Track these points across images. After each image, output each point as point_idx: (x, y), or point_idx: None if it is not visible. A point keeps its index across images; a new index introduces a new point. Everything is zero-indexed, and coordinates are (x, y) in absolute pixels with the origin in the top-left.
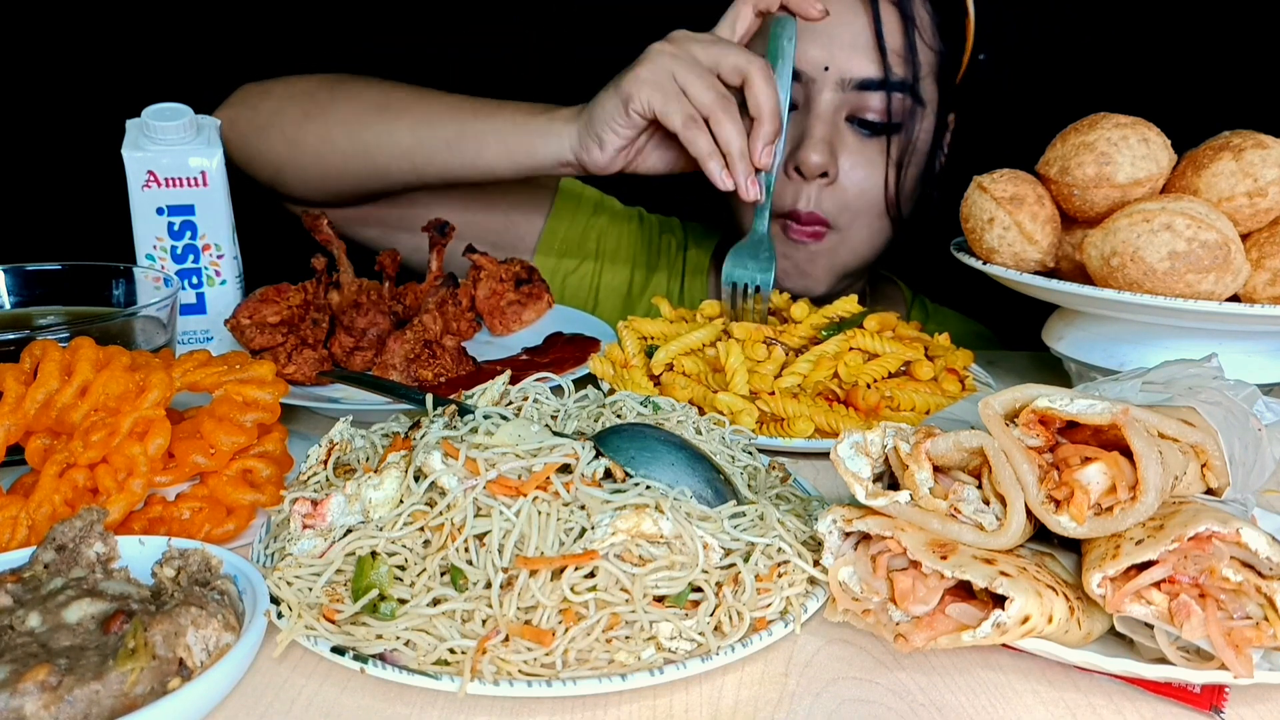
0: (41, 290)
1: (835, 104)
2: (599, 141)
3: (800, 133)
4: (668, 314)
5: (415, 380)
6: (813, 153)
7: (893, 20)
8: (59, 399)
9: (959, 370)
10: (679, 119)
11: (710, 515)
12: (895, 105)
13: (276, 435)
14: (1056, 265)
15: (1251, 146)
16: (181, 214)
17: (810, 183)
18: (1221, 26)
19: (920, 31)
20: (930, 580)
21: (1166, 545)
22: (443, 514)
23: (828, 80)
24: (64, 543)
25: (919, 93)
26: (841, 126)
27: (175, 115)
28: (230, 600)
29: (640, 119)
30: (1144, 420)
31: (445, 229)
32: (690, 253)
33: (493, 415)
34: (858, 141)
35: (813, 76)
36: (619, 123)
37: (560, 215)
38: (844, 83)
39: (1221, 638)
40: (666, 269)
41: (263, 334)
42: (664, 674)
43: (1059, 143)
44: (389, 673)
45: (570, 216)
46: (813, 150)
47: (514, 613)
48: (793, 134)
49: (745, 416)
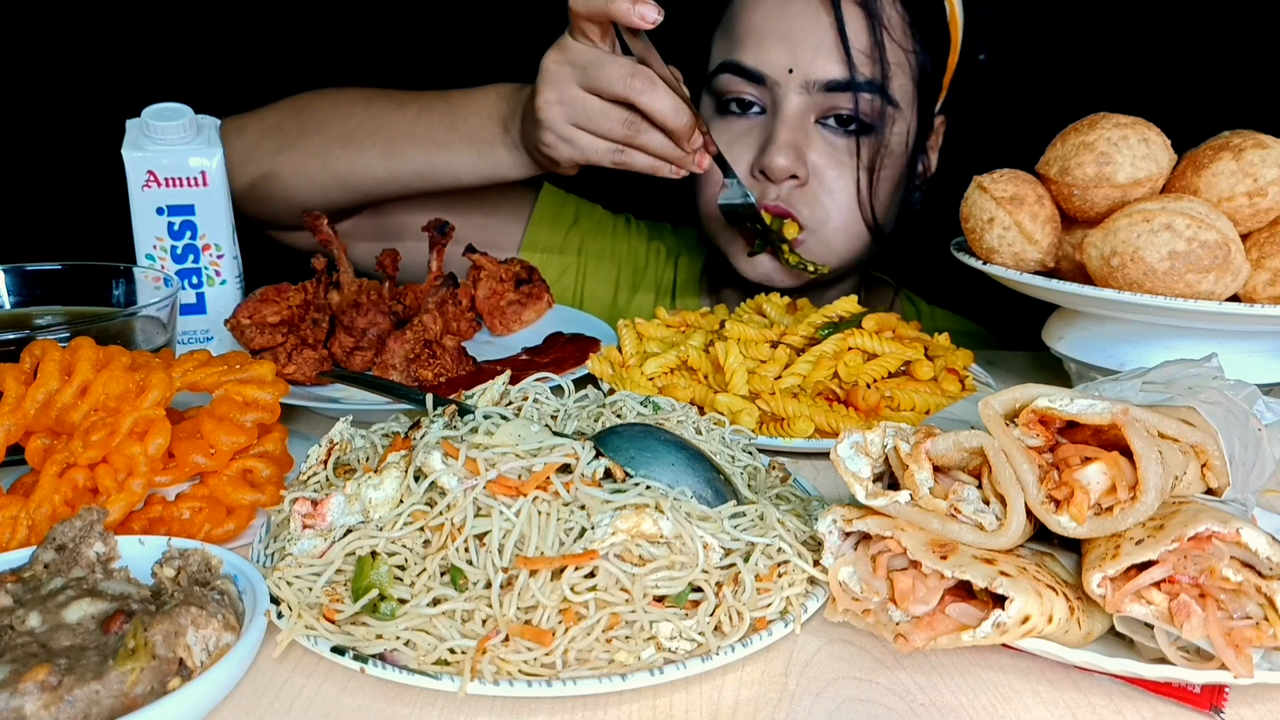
0: (41, 290)
1: (802, 107)
2: (550, 161)
3: (766, 136)
4: (665, 319)
5: (415, 380)
6: (777, 156)
7: (858, 20)
8: (59, 399)
9: (959, 370)
10: (606, 160)
11: (710, 515)
12: (864, 106)
13: (276, 435)
14: (1056, 265)
15: (1251, 146)
16: (181, 214)
17: (780, 184)
18: (1221, 26)
19: (889, 30)
20: (930, 580)
21: (1166, 545)
22: (443, 514)
23: (792, 83)
24: (64, 543)
25: (889, 93)
26: (811, 129)
27: (175, 115)
28: (230, 600)
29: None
30: (1144, 420)
31: (445, 229)
32: (682, 259)
33: (493, 415)
34: (827, 144)
35: (777, 80)
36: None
37: (540, 221)
38: (809, 85)
39: (1221, 638)
40: (655, 282)
41: (263, 334)
42: (664, 674)
43: (1059, 143)
44: (389, 673)
45: (551, 223)
46: (777, 154)
47: (514, 613)
48: (760, 138)
49: (745, 416)
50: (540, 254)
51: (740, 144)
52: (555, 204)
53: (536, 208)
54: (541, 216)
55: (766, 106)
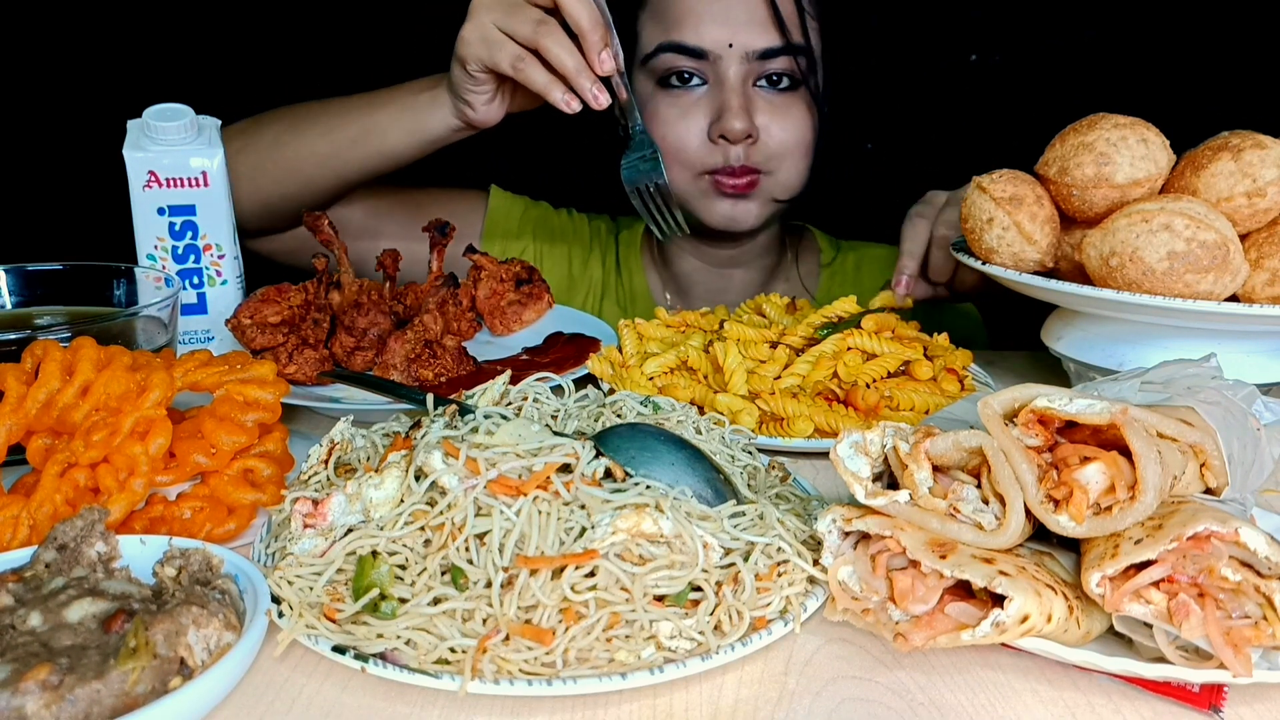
0: (43, 290)
1: (742, 74)
2: (466, 104)
3: (718, 104)
4: (664, 319)
5: (416, 380)
6: (735, 120)
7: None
8: (60, 399)
9: (958, 370)
10: (507, 63)
11: (710, 515)
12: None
13: (277, 435)
14: (1055, 265)
15: (1250, 147)
16: (182, 214)
17: (738, 145)
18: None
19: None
20: (929, 579)
21: (1165, 545)
22: (443, 513)
23: (733, 56)
24: (65, 542)
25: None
26: (751, 92)
27: (176, 116)
28: (231, 599)
29: (483, 75)
30: (1143, 420)
31: (446, 229)
32: (623, 234)
33: (493, 415)
34: (768, 101)
35: (719, 54)
36: (469, 84)
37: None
38: (748, 55)
39: (1220, 637)
40: (600, 248)
41: (264, 334)
42: (664, 673)
43: (1058, 143)
44: (390, 672)
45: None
46: (734, 119)
47: (514, 612)
48: (711, 106)
49: (745, 416)
50: (500, 243)
51: (692, 113)
52: (506, 200)
53: (490, 203)
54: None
55: (708, 79)
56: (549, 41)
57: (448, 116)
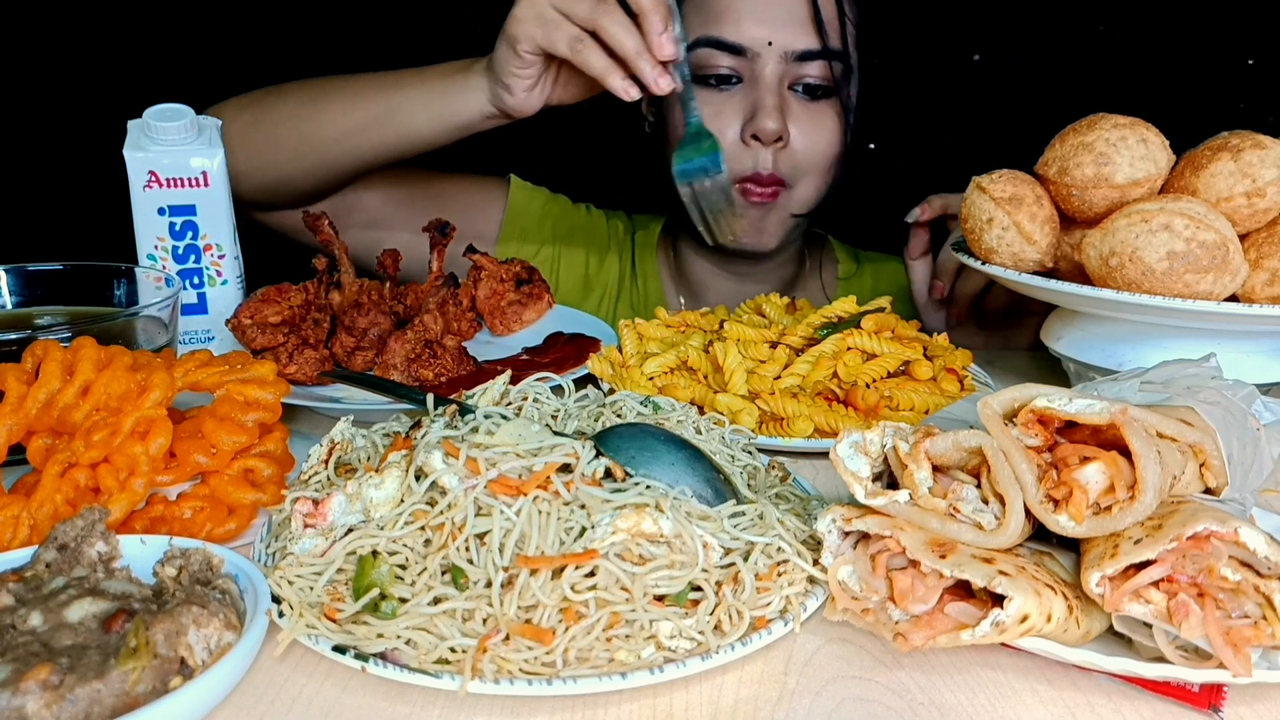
0: (43, 290)
1: (779, 75)
2: (507, 88)
3: (752, 104)
4: (665, 319)
5: (416, 380)
6: (769, 120)
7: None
8: (61, 399)
9: (958, 370)
10: (565, 45)
11: (710, 514)
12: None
13: (278, 435)
14: (1055, 265)
15: (1250, 147)
16: (183, 214)
17: (766, 148)
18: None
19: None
20: (929, 579)
21: (1165, 544)
22: (443, 513)
23: (771, 54)
24: (65, 542)
25: (849, 58)
26: (786, 94)
27: (176, 116)
28: (231, 599)
29: (532, 57)
30: (1142, 420)
31: (446, 229)
32: (639, 234)
33: (493, 415)
34: (801, 106)
35: (757, 51)
36: (515, 66)
37: (515, 209)
38: (786, 55)
39: (1220, 637)
40: (617, 249)
41: (264, 334)
42: (664, 673)
43: (1058, 143)
44: (390, 671)
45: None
46: (768, 118)
47: (514, 612)
48: (745, 107)
49: (745, 416)
50: (518, 238)
51: (726, 113)
52: (526, 192)
53: (510, 194)
54: (516, 201)
55: (744, 77)
56: (607, 20)
57: (482, 102)
